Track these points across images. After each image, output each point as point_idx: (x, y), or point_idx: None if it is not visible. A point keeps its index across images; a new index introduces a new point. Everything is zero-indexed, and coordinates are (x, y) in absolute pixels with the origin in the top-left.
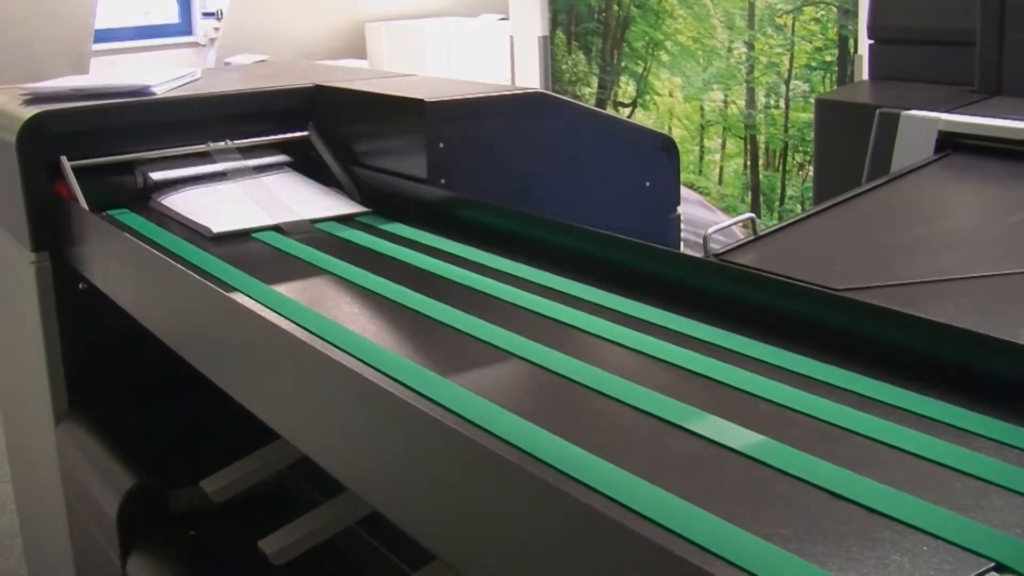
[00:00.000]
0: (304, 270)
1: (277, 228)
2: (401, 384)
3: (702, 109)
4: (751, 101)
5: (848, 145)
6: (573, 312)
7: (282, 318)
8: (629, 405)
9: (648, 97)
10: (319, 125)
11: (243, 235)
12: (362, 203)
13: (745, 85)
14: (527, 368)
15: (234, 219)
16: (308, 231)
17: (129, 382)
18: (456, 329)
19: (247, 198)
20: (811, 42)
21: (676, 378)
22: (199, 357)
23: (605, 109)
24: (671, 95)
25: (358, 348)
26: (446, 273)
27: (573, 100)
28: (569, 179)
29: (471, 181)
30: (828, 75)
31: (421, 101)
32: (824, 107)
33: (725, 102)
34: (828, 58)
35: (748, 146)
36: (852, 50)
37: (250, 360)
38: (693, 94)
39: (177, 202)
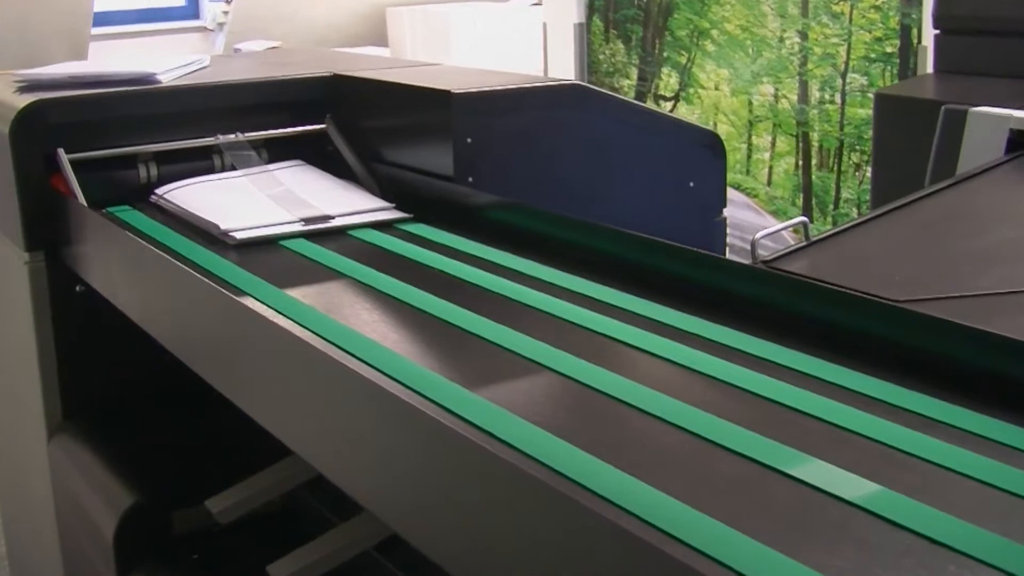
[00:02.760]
0: (320, 274)
1: (306, 234)
2: (424, 397)
3: (750, 104)
4: (804, 95)
5: (910, 144)
6: (609, 321)
7: (296, 325)
8: (669, 423)
9: (692, 90)
10: (337, 117)
11: (268, 243)
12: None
13: (798, 78)
14: (560, 381)
15: (249, 217)
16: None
17: (129, 393)
18: (483, 339)
19: (260, 193)
20: (870, 32)
21: (720, 394)
22: (206, 366)
23: (645, 103)
24: (717, 88)
25: (378, 358)
26: (473, 278)
27: (611, 93)
28: (606, 178)
29: (501, 179)
30: (889, 68)
31: (447, 93)
32: (884, 102)
33: (776, 96)
34: (889, 49)
35: (800, 144)
36: (915, 41)
37: (262, 370)
38: (741, 87)
39: (183, 197)
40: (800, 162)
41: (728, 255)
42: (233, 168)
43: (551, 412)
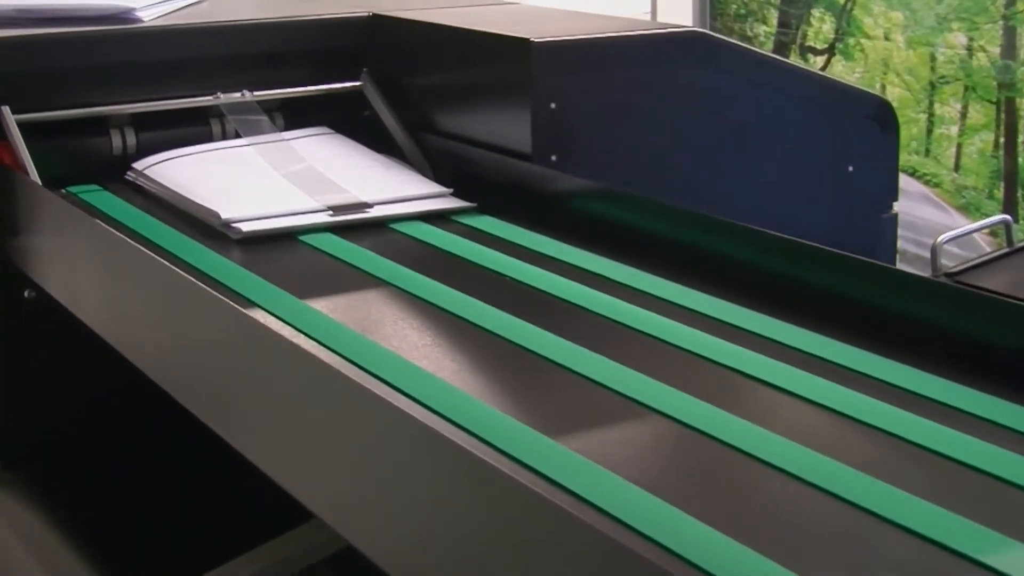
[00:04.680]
0: (353, 280)
1: (334, 227)
2: (493, 448)
3: (933, 59)
4: (1009, 48)
5: None
6: (736, 350)
7: (322, 348)
8: (819, 487)
9: (852, 40)
10: (377, 72)
11: (284, 238)
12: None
13: (1001, 24)
14: (670, 428)
15: (258, 203)
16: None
17: (92, 435)
18: (569, 370)
19: (274, 171)
20: None
21: (889, 451)
22: (199, 401)
23: (788, 57)
24: (887, 38)
25: (431, 394)
26: (555, 289)
27: (742, 43)
28: (734, 159)
29: (594, 159)
30: None
31: (525, 42)
32: None
33: (969, 49)
34: None
35: (1002, 115)
36: None
37: (274, 407)
38: (920, 37)
39: (171, 175)
40: (1002, 139)
41: (899, 264)
42: (238, 137)
43: (660, 470)
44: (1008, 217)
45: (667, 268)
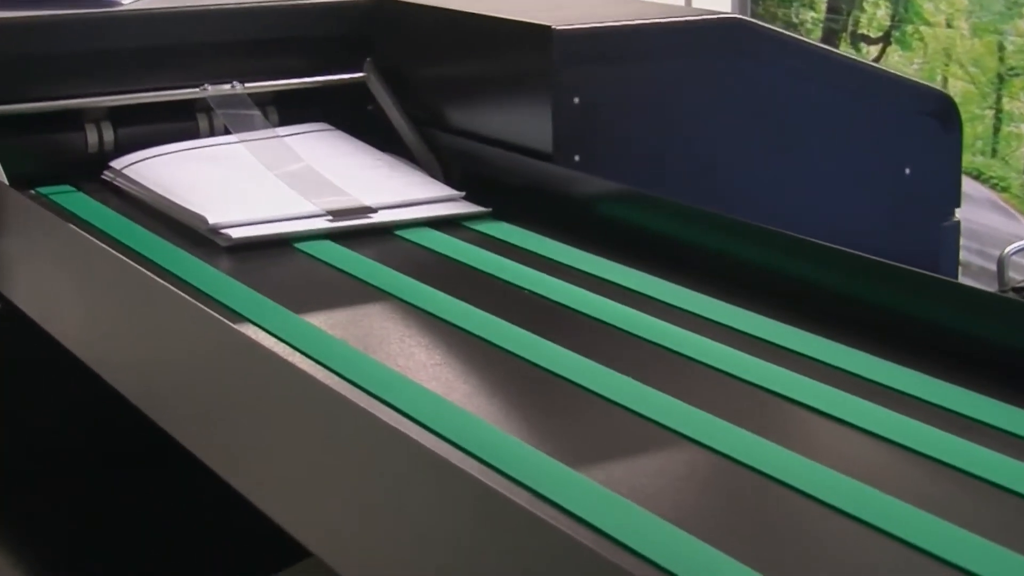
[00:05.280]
0: (354, 292)
1: (334, 233)
2: (508, 477)
3: (1001, 48)
4: None
5: None
6: (778, 371)
7: (321, 368)
8: (868, 524)
9: (910, 28)
10: (382, 62)
11: (278, 245)
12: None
13: None
14: (706, 459)
15: (250, 206)
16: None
17: (63, 463)
18: (593, 393)
19: (267, 171)
20: None
21: (949, 485)
22: (181, 424)
23: (838, 47)
24: (950, 25)
25: (441, 419)
26: (578, 303)
27: (786, 32)
28: (778, 160)
29: (621, 159)
30: None
31: (546, 29)
32: None
33: None
34: None
35: None
36: None
37: (265, 432)
38: (987, 24)
39: (153, 175)
40: None
41: (961, 278)
42: (227, 133)
43: (693, 503)
44: None
45: (701, 280)
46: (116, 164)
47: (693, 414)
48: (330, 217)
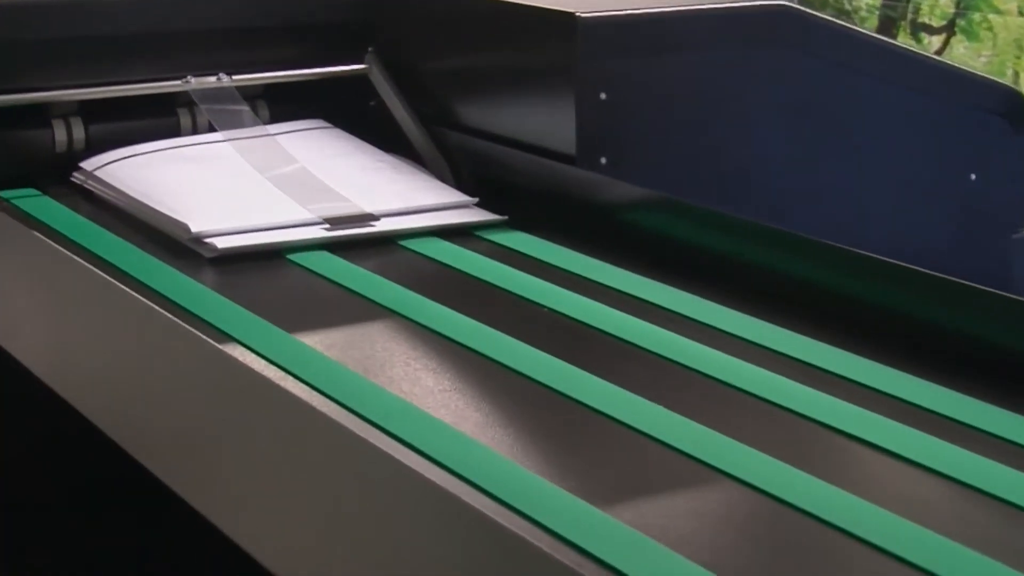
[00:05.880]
0: (354, 310)
1: (332, 243)
2: (526, 518)
3: None
4: None
5: None
6: (829, 400)
7: (314, 393)
8: (929, 572)
9: (977, 16)
10: (385, 53)
11: (269, 257)
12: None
13: None
14: (749, 499)
15: (237, 213)
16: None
17: (27, 500)
18: (621, 423)
19: (256, 173)
20: None
21: (1021, 530)
22: (160, 458)
23: (896, 37)
24: (1022, 13)
25: (453, 453)
26: (604, 323)
27: (838, 20)
28: (829, 163)
29: (653, 162)
30: None
31: (570, 17)
32: None
33: None
34: None
35: None
36: None
37: (255, 466)
38: None
39: (128, 178)
40: None
41: None
42: (212, 131)
43: (733, 548)
44: None
45: (741, 298)
46: (87, 165)
47: (732, 448)
48: (327, 225)
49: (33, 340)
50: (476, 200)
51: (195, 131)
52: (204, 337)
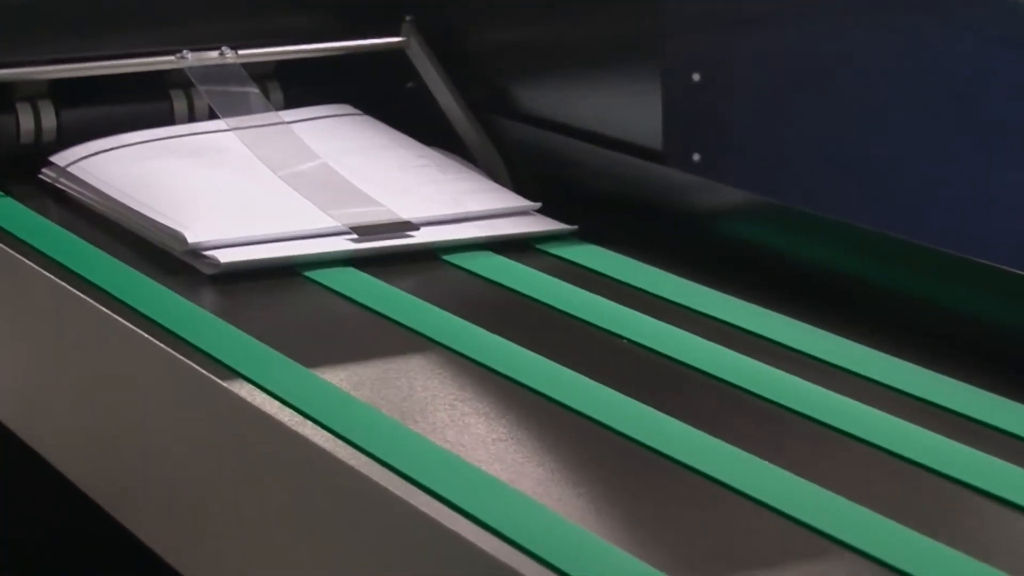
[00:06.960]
0: (386, 338)
1: (358, 258)
2: None
3: None
4: None
5: None
6: (974, 455)
7: (339, 441)
8: None
9: None
10: (426, 24)
11: (280, 274)
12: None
13: None
14: (869, 570)
15: (243, 220)
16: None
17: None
18: (717, 482)
19: (267, 171)
20: None
21: None
22: (149, 520)
23: None
24: None
25: (505, 515)
26: (696, 358)
27: None
28: (982, 160)
29: (757, 159)
30: None
31: None
32: None
33: None
34: None
35: None
36: None
37: (267, 530)
38: None
39: (110, 175)
40: None
41: None
42: (213, 117)
43: None
44: None
45: (870, 330)
46: (59, 159)
47: (858, 514)
48: (354, 235)
49: None
50: (538, 205)
51: (192, 118)
52: (204, 372)
